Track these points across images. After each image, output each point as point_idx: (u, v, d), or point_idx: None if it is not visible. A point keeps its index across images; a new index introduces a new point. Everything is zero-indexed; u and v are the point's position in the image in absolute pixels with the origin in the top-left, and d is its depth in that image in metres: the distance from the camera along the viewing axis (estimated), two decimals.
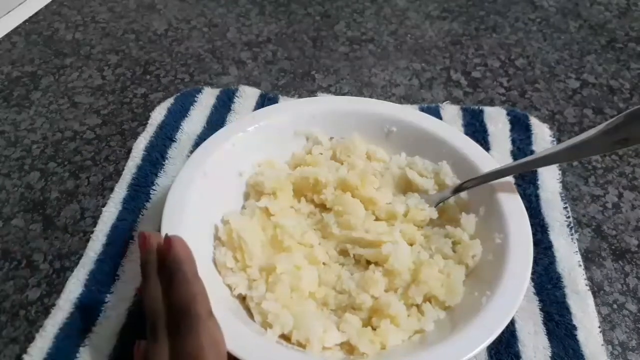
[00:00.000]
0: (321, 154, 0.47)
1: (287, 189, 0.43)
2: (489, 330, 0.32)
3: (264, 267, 0.38)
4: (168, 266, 0.31)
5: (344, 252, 0.41)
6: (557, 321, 0.39)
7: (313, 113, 0.47)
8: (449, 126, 0.47)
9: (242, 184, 0.45)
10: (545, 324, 0.39)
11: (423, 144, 0.46)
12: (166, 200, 0.39)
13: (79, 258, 0.43)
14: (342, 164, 0.46)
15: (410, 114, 0.47)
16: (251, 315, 0.36)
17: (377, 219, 0.42)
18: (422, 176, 0.44)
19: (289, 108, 0.48)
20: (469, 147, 0.44)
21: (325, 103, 0.50)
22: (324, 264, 0.40)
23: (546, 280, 0.41)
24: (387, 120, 0.47)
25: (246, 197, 0.45)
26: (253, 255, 0.38)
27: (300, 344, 0.34)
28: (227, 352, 0.30)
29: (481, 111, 0.55)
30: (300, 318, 0.35)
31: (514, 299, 0.33)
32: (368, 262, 0.40)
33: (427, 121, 0.46)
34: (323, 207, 0.43)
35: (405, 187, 0.45)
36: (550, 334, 0.38)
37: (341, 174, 0.43)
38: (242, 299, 0.38)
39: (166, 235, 0.32)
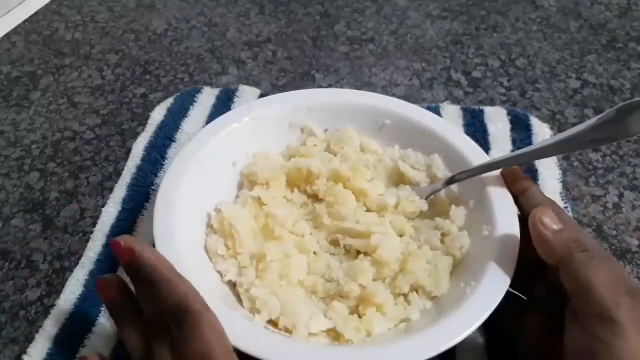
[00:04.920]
0: (315, 145, 0.47)
1: (280, 179, 0.43)
2: (468, 321, 0.32)
3: (254, 254, 0.39)
4: (143, 277, 0.29)
5: (334, 242, 0.41)
6: None
7: (308, 105, 0.47)
8: (442, 120, 0.46)
9: (236, 173, 0.45)
10: None
11: (416, 137, 0.45)
12: (159, 187, 0.39)
13: (79, 258, 0.43)
14: (335, 155, 0.46)
15: (404, 107, 0.47)
16: (240, 302, 0.37)
17: (368, 210, 0.42)
18: (414, 169, 0.44)
19: (284, 100, 0.48)
20: (461, 140, 0.44)
21: (320, 95, 0.50)
22: (314, 253, 0.40)
23: None
24: (381, 113, 0.47)
25: (240, 186, 0.45)
26: (244, 243, 0.39)
27: (287, 330, 0.35)
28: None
29: (481, 111, 0.55)
30: (288, 304, 0.35)
31: (496, 291, 0.33)
32: (358, 252, 0.40)
33: (420, 114, 0.46)
34: (315, 197, 0.44)
35: (398, 179, 0.45)
36: None
37: (334, 165, 0.44)
38: (232, 285, 0.38)
39: (125, 246, 0.29)
